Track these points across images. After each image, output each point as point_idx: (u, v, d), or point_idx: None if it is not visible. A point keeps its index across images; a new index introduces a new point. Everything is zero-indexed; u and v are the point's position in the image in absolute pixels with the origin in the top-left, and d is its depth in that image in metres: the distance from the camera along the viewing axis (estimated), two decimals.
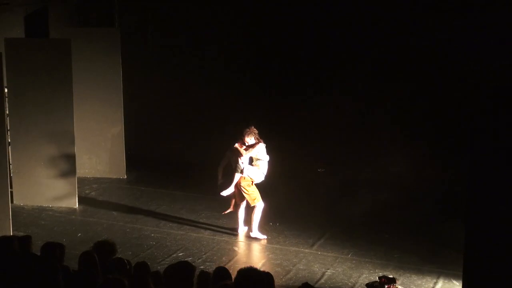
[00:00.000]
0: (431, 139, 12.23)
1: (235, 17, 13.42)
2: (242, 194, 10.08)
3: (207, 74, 13.72)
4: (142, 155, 13.56)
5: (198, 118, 13.86)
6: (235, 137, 10.06)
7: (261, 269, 6.08)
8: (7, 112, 10.63)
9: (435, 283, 8.91)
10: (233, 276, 6.02)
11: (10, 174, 10.89)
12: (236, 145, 9.98)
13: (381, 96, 12.53)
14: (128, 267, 6.48)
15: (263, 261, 9.52)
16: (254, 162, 10.05)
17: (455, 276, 8.90)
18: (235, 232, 10.32)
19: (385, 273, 8.61)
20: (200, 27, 13.70)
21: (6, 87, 10.52)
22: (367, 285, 7.99)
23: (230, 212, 10.40)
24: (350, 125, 12.75)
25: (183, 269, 5.94)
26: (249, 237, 10.18)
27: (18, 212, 10.92)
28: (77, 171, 11.53)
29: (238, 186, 10.06)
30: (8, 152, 10.44)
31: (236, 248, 9.89)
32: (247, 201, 10.12)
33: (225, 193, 10.14)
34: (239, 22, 13.42)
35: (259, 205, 10.10)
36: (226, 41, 13.53)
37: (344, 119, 12.77)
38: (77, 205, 11.43)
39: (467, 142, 6.04)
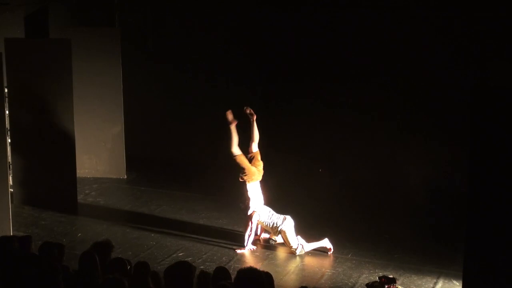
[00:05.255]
0: (431, 139, 12.20)
1: (236, 17, 13.40)
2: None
3: (208, 73, 13.70)
4: (142, 155, 13.54)
5: (198, 118, 13.84)
6: None
7: (261, 269, 6.08)
8: (7, 112, 10.62)
9: (435, 283, 8.91)
10: (233, 276, 6.02)
11: (10, 174, 10.89)
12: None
13: (382, 98, 12.50)
14: (128, 267, 6.48)
15: (263, 261, 9.52)
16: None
17: (455, 276, 8.90)
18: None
19: (385, 273, 8.61)
20: (201, 27, 13.68)
21: (6, 87, 10.52)
22: (367, 285, 7.99)
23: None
24: (351, 125, 12.73)
25: (183, 269, 5.94)
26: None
27: (18, 212, 10.91)
28: (77, 171, 11.52)
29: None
30: (8, 152, 10.44)
31: (236, 248, 9.88)
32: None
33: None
34: (240, 22, 13.40)
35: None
36: (227, 40, 13.50)
37: (345, 119, 12.75)
38: (77, 205, 11.42)
39: (467, 142, 6.04)
